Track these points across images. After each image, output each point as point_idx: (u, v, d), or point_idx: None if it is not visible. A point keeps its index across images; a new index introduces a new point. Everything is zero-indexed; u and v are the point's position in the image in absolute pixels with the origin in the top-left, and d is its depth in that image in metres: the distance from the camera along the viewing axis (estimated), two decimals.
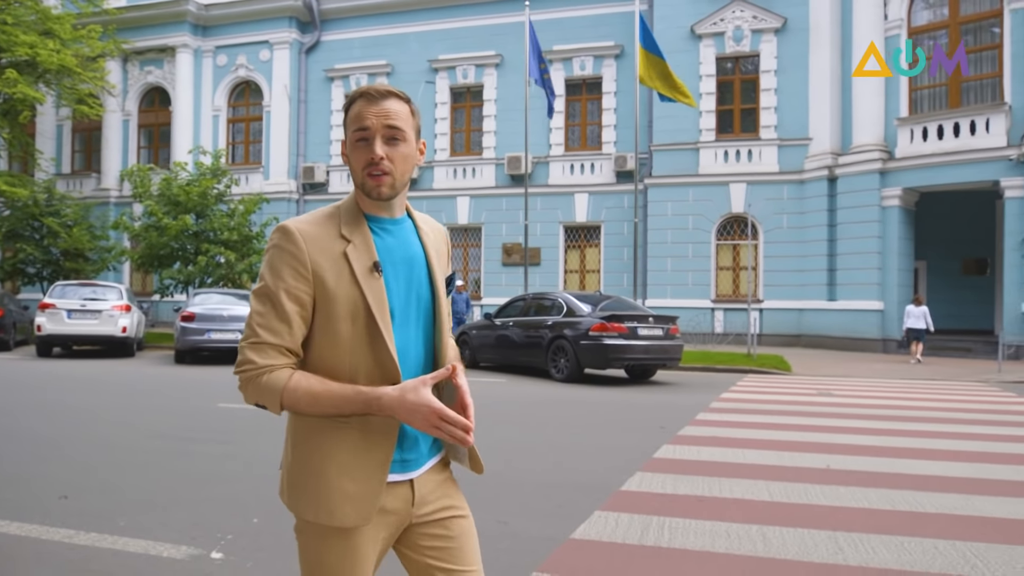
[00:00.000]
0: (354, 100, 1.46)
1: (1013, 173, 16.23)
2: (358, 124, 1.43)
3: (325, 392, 1.37)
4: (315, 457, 1.42)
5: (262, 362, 1.38)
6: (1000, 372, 13.19)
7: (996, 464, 5.58)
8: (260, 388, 1.39)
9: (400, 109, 1.44)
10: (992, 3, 17.26)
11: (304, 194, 24.63)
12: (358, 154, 1.43)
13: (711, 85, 20.40)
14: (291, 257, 1.39)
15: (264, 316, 1.40)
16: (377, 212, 1.48)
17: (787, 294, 19.56)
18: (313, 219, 1.44)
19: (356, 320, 1.40)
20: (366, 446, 1.40)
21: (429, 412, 1.32)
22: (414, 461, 1.48)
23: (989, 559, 3.46)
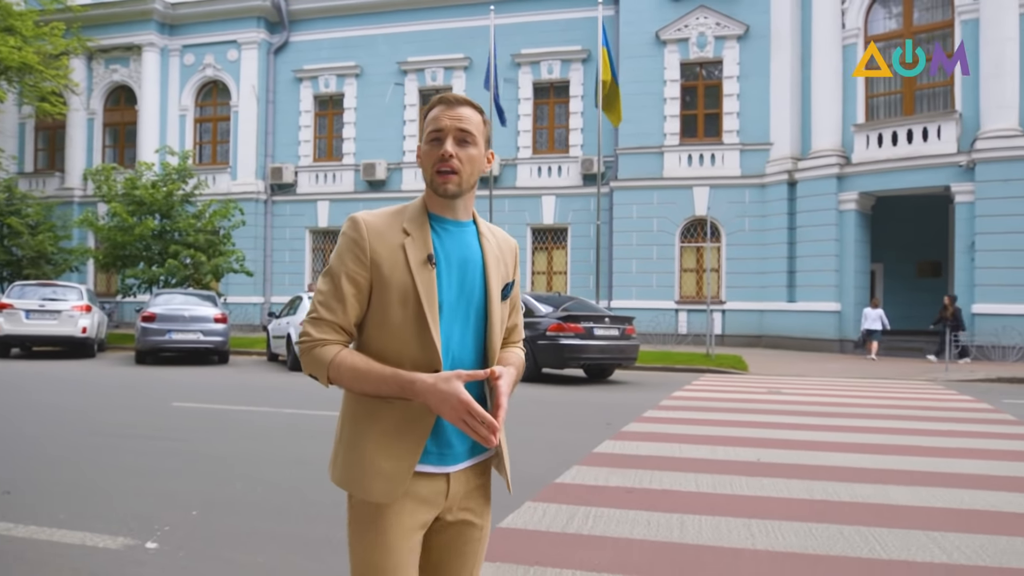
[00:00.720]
0: (433, 106, 1.56)
1: (963, 179, 16.75)
2: (434, 126, 1.53)
3: (366, 370, 1.46)
4: (357, 435, 1.52)
5: (317, 335, 1.50)
6: (947, 371, 13.62)
7: (918, 456, 5.85)
8: (313, 359, 1.50)
9: (473, 116, 1.55)
10: (944, 14, 17.80)
11: (272, 195, 24.56)
12: (430, 153, 1.53)
13: (675, 90, 20.75)
14: (354, 244, 1.51)
15: (324, 295, 1.52)
16: (442, 212, 1.56)
17: (748, 296, 19.96)
18: (381, 213, 1.56)
19: (406, 307, 1.49)
20: (402, 429, 1.48)
21: (457, 403, 1.38)
22: (450, 456, 1.53)
23: (887, 542, 3.69)
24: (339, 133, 24.35)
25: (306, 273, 24.41)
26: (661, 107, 20.78)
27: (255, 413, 7.90)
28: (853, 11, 18.68)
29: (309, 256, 24.55)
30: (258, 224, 24.12)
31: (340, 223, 23.87)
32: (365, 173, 23.22)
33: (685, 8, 20.65)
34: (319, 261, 24.65)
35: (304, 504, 4.35)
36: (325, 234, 24.44)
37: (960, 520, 4.11)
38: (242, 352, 16.44)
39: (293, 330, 12.63)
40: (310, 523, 3.98)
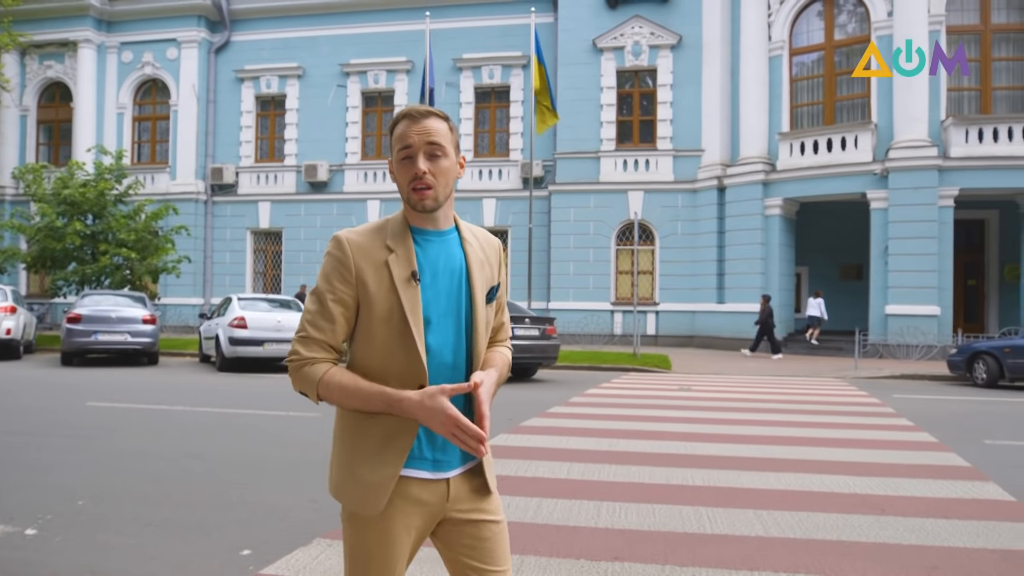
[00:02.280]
0: (398, 121, 1.57)
1: (877, 186, 17.63)
2: (402, 143, 1.54)
3: (354, 388, 1.50)
4: (346, 450, 1.57)
5: (306, 354, 1.53)
6: (856, 369, 14.37)
7: (789, 445, 6.34)
8: (302, 377, 1.54)
9: (440, 127, 1.55)
10: (862, 29, 18.70)
11: (213, 195, 24.36)
12: (403, 171, 1.55)
13: (612, 97, 21.31)
14: (339, 263, 1.53)
15: (312, 314, 1.55)
16: (423, 225, 1.59)
17: (680, 297, 20.61)
18: (364, 230, 1.58)
19: (391, 323, 1.51)
20: (386, 442, 1.53)
21: (445, 419, 1.43)
22: (446, 463, 1.58)
23: (718, 519, 4.11)
24: (281, 134, 24.30)
25: (247, 274, 24.27)
26: (598, 113, 21.32)
27: (168, 412, 8.03)
28: (778, 25, 19.48)
29: (250, 257, 24.42)
30: (198, 225, 23.89)
31: (282, 224, 23.84)
32: (307, 175, 23.23)
33: (621, 17, 21.22)
34: (260, 262, 24.54)
35: (188, 494, 4.59)
36: (266, 235, 24.35)
37: (792, 500, 4.56)
38: (174, 353, 16.37)
39: (222, 331, 12.69)
40: (190, 511, 4.23)
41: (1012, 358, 12.04)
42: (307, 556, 3.47)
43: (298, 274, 23.54)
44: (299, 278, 23.48)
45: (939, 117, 17.57)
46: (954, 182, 17.11)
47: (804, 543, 3.75)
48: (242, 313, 12.53)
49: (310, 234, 23.59)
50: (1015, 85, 17.80)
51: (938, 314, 17.00)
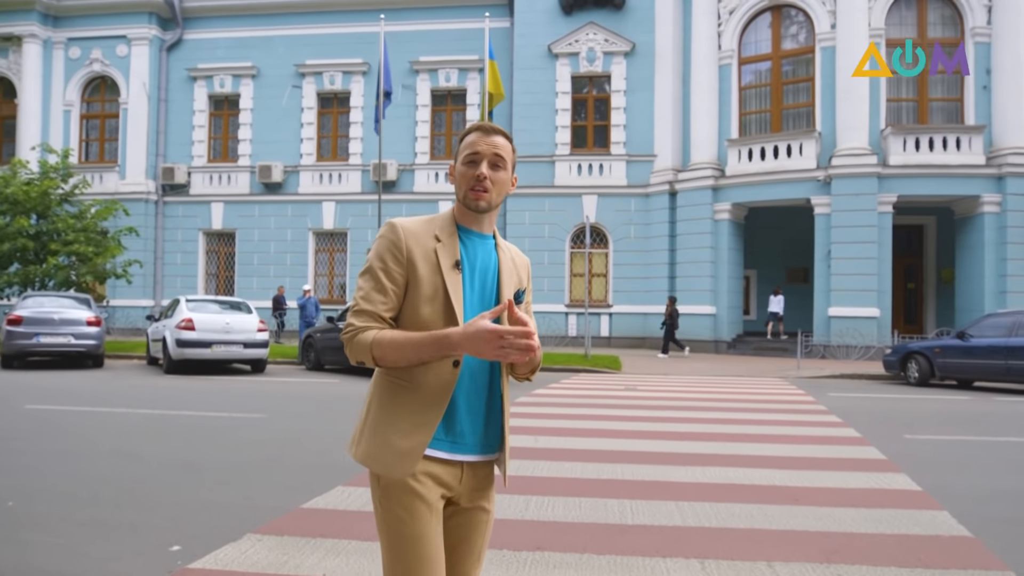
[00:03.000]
0: (470, 132, 1.77)
1: (821, 192, 18.22)
2: (472, 149, 1.74)
3: (405, 340, 1.63)
4: (381, 419, 1.70)
5: (359, 324, 1.68)
6: (799, 369, 14.83)
7: (720, 441, 6.58)
8: (357, 344, 1.67)
9: (505, 144, 1.76)
10: (807, 40, 19.30)
11: (164, 195, 23.95)
12: (466, 172, 1.73)
13: (567, 102, 21.59)
14: (392, 245, 1.70)
15: (365, 289, 1.70)
16: (469, 225, 1.77)
17: (633, 299, 20.96)
18: (416, 220, 1.75)
19: (435, 303, 1.68)
20: (419, 411, 1.67)
21: (490, 335, 1.54)
22: (462, 445, 1.71)
23: (640, 511, 4.29)
24: (235, 134, 24.01)
25: (199, 276, 23.90)
26: (553, 118, 21.57)
27: (109, 414, 7.95)
28: (728, 34, 19.98)
29: (203, 259, 24.06)
30: (148, 225, 23.46)
31: (235, 225, 23.55)
32: (261, 175, 23.00)
33: (576, 23, 21.52)
34: (213, 264, 24.20)
35: (121, 494, 4.61)
36: (219, 236, 24.03)
37: (713, 492, 4.78)
38: (121, 356, 16.08)
39: (169, 333, 12.54)
40: (122, 510, 4.25)
41: (942, 358, 12.59)
42: (236, 551, 3.54)
43: (252, 275, 23.30)
44: (253, 279, 23.25)
45: (879, 126, 18.23)
46: (893, 189, 17.77)
47: (717, 531, 3.95)
48: (190, 315, 12.39)
49: (264, 235, 23.36)
50: (950, 97, 18.56)
51: (878, 316, 17.63)
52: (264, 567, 3.34)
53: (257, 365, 13.19)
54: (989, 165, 17.62)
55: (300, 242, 23.24)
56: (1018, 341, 11.60)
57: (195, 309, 12.79)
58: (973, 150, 17.72)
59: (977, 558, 3.60)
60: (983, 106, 18.15)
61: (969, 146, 17.73)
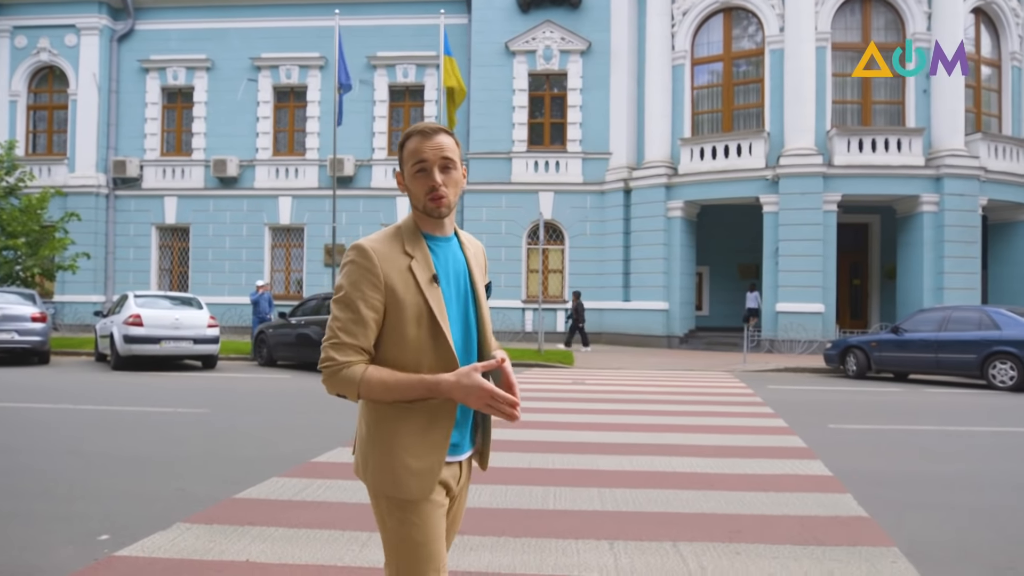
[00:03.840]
0: (410, 136, 1.73)
1: (769, 191, 18.71)
2: (418, 157, 1.69)
3: (395, 381, 1.61)
4: (385, 439, 1.66)
5: (341, 359, 1.63)
6: (745, 363, 15.26)
7: (654, 432, 6.84)
8: (340, 380, 1.63)
9: (449, 142, 1.72)
10: (757, 42, 19.77)
11: (115, 188, 23.52)
12: (419, 182, 1.70)
13: (523, 99, 21.77)
14: (367, 271, 1.64)
15: (343, 320, 1.64)
16: (433, 231, 1.75)
17: (589, 295, 21.23)
18: (381, 238, 1.70)
19: (420, 323, 1.65)
20: (427, 429, 1.65)
21: (482, 392, 1.57)
22: (460, 447, 1.75)
23: (563, 497, 4.49)
24: (188, 127, 23.68)
25: (152, 271, 23.54)
26: (510, 115, 21.74)
27: (51, 410, 7.90)
28: (681, 35, 20.36)
29: (155, 254, 23.69)
30: (99, 219, 23.04)
31: (189, 220, 23.24)
32: (216, 169, 22.73)
33: (533, 21, 21.70)
34: (167, 259, 23.85)
35: (56, 487, 4.66)
36: (173, 231, 23.69)
37: (636, 480, 5.01)
38: (69, 353, 15.83)
39: (117, 329, 12.41)
40: (56, 502, 4.31)
41: (878, 351, 13.10)
42: (164, 539, 3.65)
43: (206, 271, 23.03)
44: (207, 275, 22.99)
45: (825, 127, 18.78)
46: (837, 188, 18.34)
47: (632, 515, 4.18)
48: (138, 310, 12.28)
49: (219, 230, 23.10)
50: (892, 100, 19.20)
51: (823, 311, 18.19)
52: (189, 554, 3.45)
53: (208, 361, 13.12)
54: (928, 166, 18.29)
55: (256, 237, 23.04)
56: (947, 335, 12.15)
57: (144, 305, 12.68)
58: (913, 151, 18.37)
59: (868, 536, 3.88)
60: (923, 109, 18.83)
61: (909, 148, 18.38)
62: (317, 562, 3.36)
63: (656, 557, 3.50)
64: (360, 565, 3.33)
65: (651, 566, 3.39)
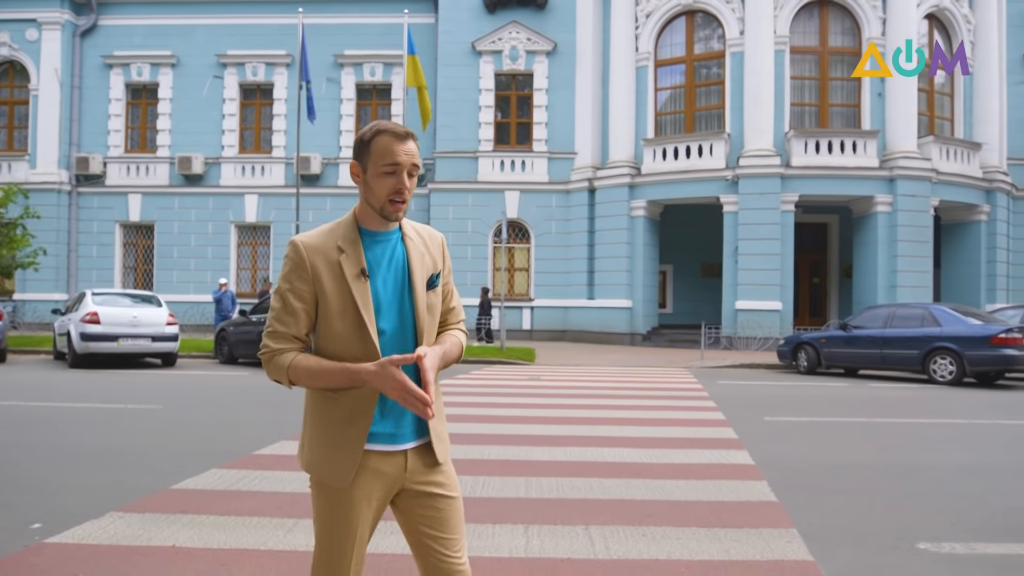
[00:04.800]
0: (379, 133, 1.74)
1: (729, 191, 19.10)
2: (390, 159, 1.71)
3: (319, 368, 1.70)
4: (314, 428, 1.78)
5: (275, 346, 1.75)
6: (702, 359, 15.61)
7: (595, 425, 7.06)
8: (274, 367, 1.75)
9: (416, 149, 1.77)
10: (718, 45, 20.15)
11: (77, 185, 23.27)
12: (384, 183, 1.72)
13: (490, 99, 21.95)
14: (296, 264, 1.73)
15: (277, 311, 1.75)
16: (376, 227, 1.79)
17: (554, 293, 21.53)
18: (317, 233, 1.78)
19: (346, 316, 1.72)
20: (349, 421, 1.73)
21: (396, 384, 1.63)
22: (401, 436, 1.78)
23: (492, 486, 4.69)
24: (153, 124, 23.51)
25: (116, 269, 23.34)
26: (476, 114, 21.91)
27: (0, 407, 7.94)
28: (644, 37, 20.68)
29: (119, 251, 23.49)
30: (61, 216, 22.80)
31: (154, 217, 23.09)
32: (181, 167, 22.61)
33: (499, 22, 21.88)
34: (131, 256, 23.66)
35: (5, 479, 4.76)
36: (137, 228, 23.51)
37: (565, 469, 5.22)
38: (27, 351, 15.71)
39: (73, 327, 12.37)
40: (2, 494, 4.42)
41: (827, 347, 13.50)
42: (95, 527, 3.78)
43: (172, 269, 22.90)
44: (172, 273, 22.87)
45: (783, 129, 19.22)
46: (795, 189, 18.77)
47: (552, 502, 4.38)
48: (95, 308, 12.26)
49: (184, 228, 22.98)
50: (848, 102, 19.70)
51: (780, 309, 18.62)
52: (118, 540, 3.59)
53: (167, 359, 13.13)
54: (882, 168, 18.80)
55: (222, 235, 22.96)
56: (892, 332, 12.57)
57: (101, 302, 12.65)
58: (868, 153, 18.87)
59: (772, 519, 4.12)
60: (878, 112, 19.33)
61: (864, 150, 18.87)
62: (241, 546, 3.52)
63: (566, 539, 3.71)
64: (282, 548, 3.50)
65: (559, 547, 3.59)
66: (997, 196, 20.44)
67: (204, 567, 3.27)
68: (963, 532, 3.96)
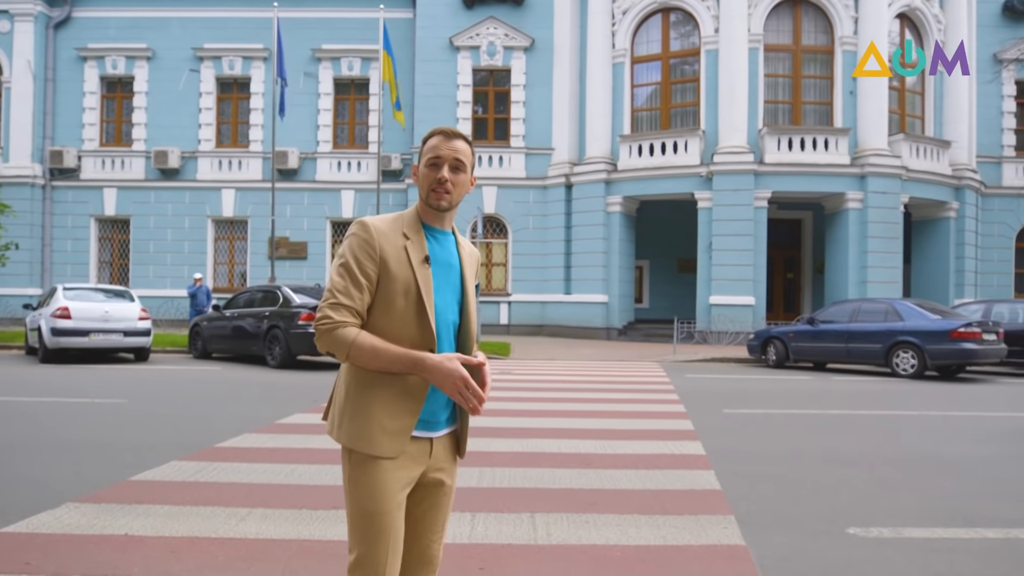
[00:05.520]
0: (432, 135, 1.89)
1: (703, 187, 19.32)
2: (434, 153, 1.85)
3: (384, 350, 1.74)
4: (364, 401, 1.80)
5: (337, 318, 1.77)
6: (675, 354, 15.82)
7: (559, 417, 7.21)
8: (333, 339, 1.76)
9: (465, 148, 1.88)
10: (693, 42, 20.34)
11: (52, 179, 23.07)
12: (428, 174, 1.85)
13: (468, 94, 22.01)
14: (366, 243, 1.80)
15: (342, 284, 1.79)
16: (432, 223, 1.89)
17: (532, 288, 21.67)
18: (384, 218, 1.86)
19: (408, 296, 1.79)
20: (403, 396, 1.79)
21: (459, 379, 1.71)
22: (434, 424, 1.85)
23: None
24: (128, 118, 23.35)
25: (91, 263, 23.18)
26: (454, 110, 21.96)
27: None
28: (621, 34, 20.83)
29: (95, 246, 23.33)
30: (35, 211, 22.60)
31: (130, 212, 22.95)
32: (157, 161, 22.48)
33: (477, 17, 21.93)
34: (106, 251, 23.52)
35: None
36: (113, 223, 23.36)
37: (521, 460, 5.36)
38: None
39: (44, 322, 12.33)
40: None
41: (795, 342, 13.75)
42: (50, 517, 3.86)
43: (148, 264, 22.79)
44: (149, 268, 22.76)
45: (757, 126, 19.45)
46: (768, 185, 19.03)
47: (503, 491, 4.52)
48: (66, 303, 12.24)
49: (160, 223, 22.86)
50: (820, 100, 19.97)
51: (753, 304, 18.88)
52: (71, 529, 3.68)
53: (140, 354, 13.12)
54: (853, 165, 19.09)
55: (198, 230, 22.87)
56: (857, 326, 12.83)
57: (73, 297, 12.62)
58: (840, 151, 19.15)
59: (712, 506, 4.29)
60: (849, 110, 19.61)
61: (836, 147, 19.15)
62: (192, 534, 3.62)
63: (510, 526, 3.85)
64: (232, 536, 3.61)
65: (503, 533, 3.73)
66: (966, 193, 20.82)
67: (153, 554, 3.37)
68: (892, 517, 4.14)
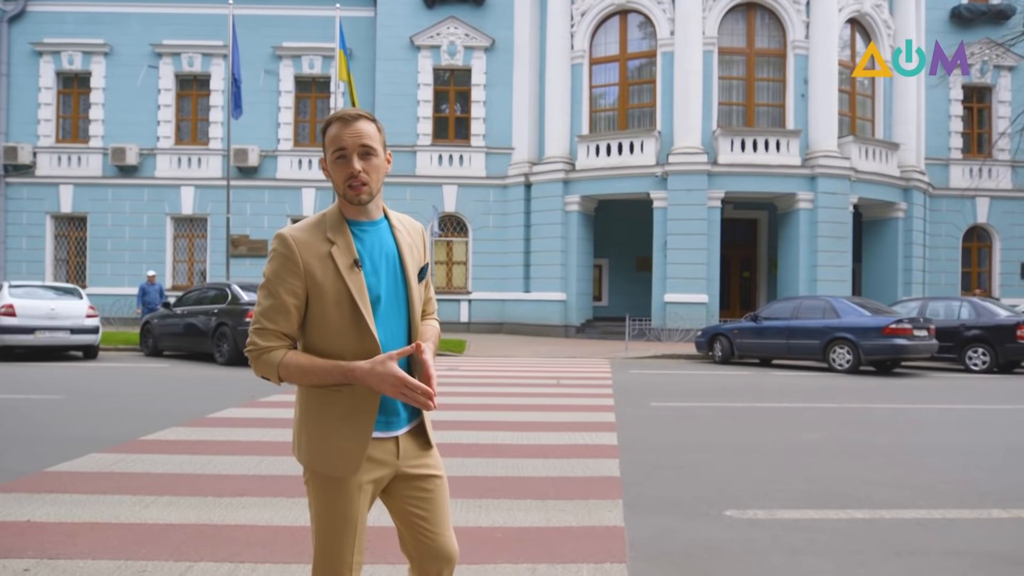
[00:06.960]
0: (330, 123, 1.73)
1: (659, 187, 19.67)
2: (337, 144, 1.70)
3: (311, 366, 1.66)
4: (317, 421, 1.73)
5: (263, 343, 1.69)
6: (626, 351, 16.13)
7: (502, 411, 7.41)
8: (262, 364, 1.70)
9: (369, 129, 1.72)
10: (650, 44, 20.69)
11: (6, 175, 22.77)
12: (338, 170, 1.71)
13: (428, 93, 22.15)
14: (287, 259, 1.68)
15: (265, 307, 1.70)
16: (358, 217, 1.76)
17: (491, 286, 21.88)
18: (303, 227, 1.74)
19: (341, 308, 1.68)
20: (353, 411, 1.70)
21: (395, 380, 1.62)
22: (396, 422, 1.77)
23: None
24: (85, 114, 23.12)
25: (47, 261, 22.92)
26: (415, 109, 22.09)
27: None
28: (580, 35, 21.11)
29: (51, 243, 23.08)
30: None
31: (86, 209, 22.74)
32: (115, 158, 22.29)
33: (438, 17, 22.07)
34: (63, 249, 23.26)
35: None
36: (70, 220, 23.12)
37: (458, 451, 5.51)
38: None
39: None
40: None
41: (740, 338, 14.12)
42: None
43: (105, 261, 22.59)
44: (106, 266, 22.57)
45: (711, 127, 19.85)
46: (721, 186, 19.44)
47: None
48: (10, 300, 12.19)
49: (118, 220, 22.68)
50: (773, 102, 20.43)
51: (707, 302, 19.28)
52: None
53: (89, 351, 13.09)
54: (804, 166, 19.58)
55: (157, 227, 22.73)
56: (796, 323, 13.23)
57: (18, 295, 12.56)
58: (791, 152, 19.63)
59: (604, 492, 4.51)
60: (801, 112, 20.10)
61: (788, 148, 19.62)
62: (93, 520, 3.77)
63: None
64: (131, 522, 3.76)
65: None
66: (914, 194, 21.44)
67: (51, 538, 3.51)
68: (772, 501, 4.40)
